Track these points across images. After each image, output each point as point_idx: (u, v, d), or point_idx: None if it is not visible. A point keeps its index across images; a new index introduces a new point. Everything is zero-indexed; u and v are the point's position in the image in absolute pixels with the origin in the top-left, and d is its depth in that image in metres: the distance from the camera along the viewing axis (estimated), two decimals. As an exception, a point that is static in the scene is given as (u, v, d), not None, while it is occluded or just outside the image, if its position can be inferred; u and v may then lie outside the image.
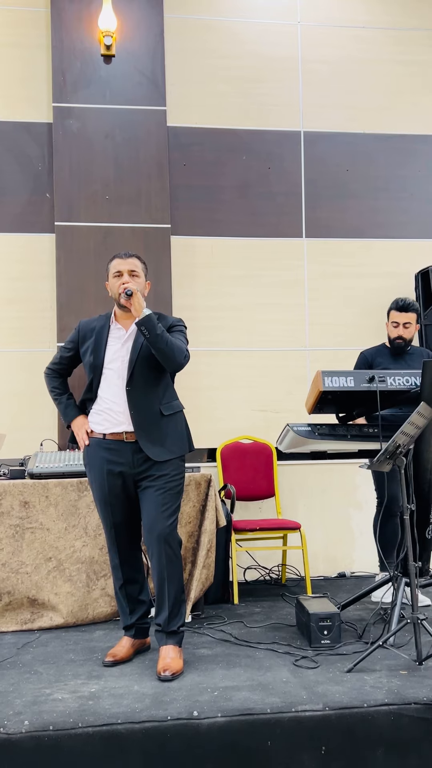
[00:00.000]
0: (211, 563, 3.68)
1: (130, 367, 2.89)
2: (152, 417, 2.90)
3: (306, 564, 4.14)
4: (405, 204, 5.06)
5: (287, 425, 3.29)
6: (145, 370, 2.90)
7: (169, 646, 2.84)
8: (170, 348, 2.84)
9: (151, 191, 4.68)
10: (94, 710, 2.40)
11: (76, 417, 3.05)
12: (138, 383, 2.89)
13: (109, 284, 3.00)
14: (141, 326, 2.82)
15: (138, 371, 2.89)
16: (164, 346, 2.82)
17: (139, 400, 2.88)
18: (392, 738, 2.36)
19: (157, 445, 2.88)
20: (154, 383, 2.92)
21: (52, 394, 3.13)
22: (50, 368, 3.15)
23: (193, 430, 4.68)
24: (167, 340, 2.83)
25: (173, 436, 2.93)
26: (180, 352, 2.87)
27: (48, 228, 4.67)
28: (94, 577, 3.58)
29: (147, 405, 2.89)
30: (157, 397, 2.93)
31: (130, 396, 2.88)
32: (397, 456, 2.83)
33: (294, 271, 4.93)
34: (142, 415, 2.88)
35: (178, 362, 2.87)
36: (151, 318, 2.82)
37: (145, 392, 2.90)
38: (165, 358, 2.85)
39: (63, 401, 3.09)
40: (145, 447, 2.86)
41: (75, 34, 4.67)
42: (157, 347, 2.82)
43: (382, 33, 5.11)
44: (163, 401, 2.94)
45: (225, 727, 2.32)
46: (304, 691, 2.52)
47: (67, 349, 3.10)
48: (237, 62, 4.96)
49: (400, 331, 3.74)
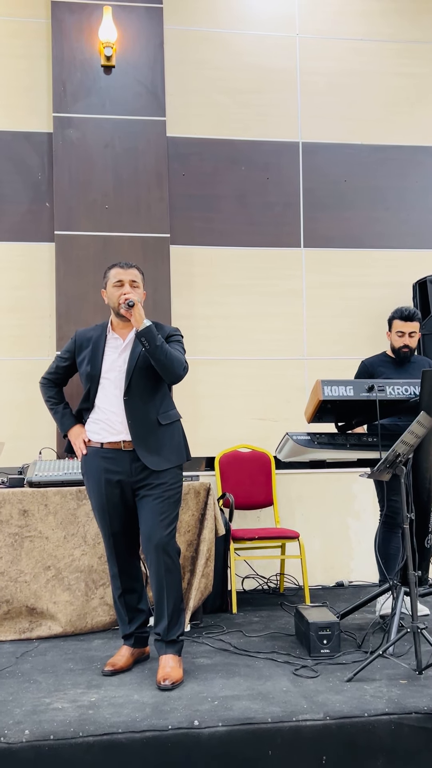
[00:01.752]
0: (210, 572, 3.67)
1: (128, 376, 2.90)
2: (150, 426, 2.90)
3: (305, 573, 4.13)
4: (403, 215, 5.09)
5: (286, 434, 3.30)
6: (142, 380, 2.90)
7: (169, 655, 2.83)
8: (170, 359, 2.84)
9: (151, 201, 4.71)
10: (94, 719, 2.39)
11: (73, 426, 3.05)
12: (135, 393, 2.89)
13: (108, 293, 3.00)
14: (141, 337, 2.82)
15: (135, 381, 2.90)
16: (164, 358, 2.83)
17: (136, 409, 2.89)
18: (393, 747, 2.36)
19: (154, 454, 2.88)
20: (151, 393, 2.93)
21: (48, 403, 3.12)
22: (46, 378, 3.14)
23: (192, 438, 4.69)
24: (167, 352, 2.84)
25: (171, 446, 2.94)
26: (179, 363, 2.88)
27: (48, 237, 4.68)
28: (93, 586, 3.58)
29: (144, 414, 2.90)
30: (155, 407, 2.93)
31: (127, 406, 2.88)
32: (396, 465, 2.84)
33: (292, 281, 4.95)
34: (140, 424, 2.88)
35: (177, 374, 2.88)
36: (152, 329, 2.83)
37: (143, 402, 2.90)
38: (164, 370, 2.86)
39: (59, 411, 3.08)
40: (143, 456, 2.86)
41: (75, 45, 4.70)
42: (157, 358, 2.83)
43: (381, 45, 5.15)
44: (161, 411, 2.94)
45: (225, 736, 2.32)
46: (304, 701, 2.52)
47: (63, 359, 3.09)
48: (236, 73, 5.00)
49: (406, 340, 3.75)
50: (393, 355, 3.85)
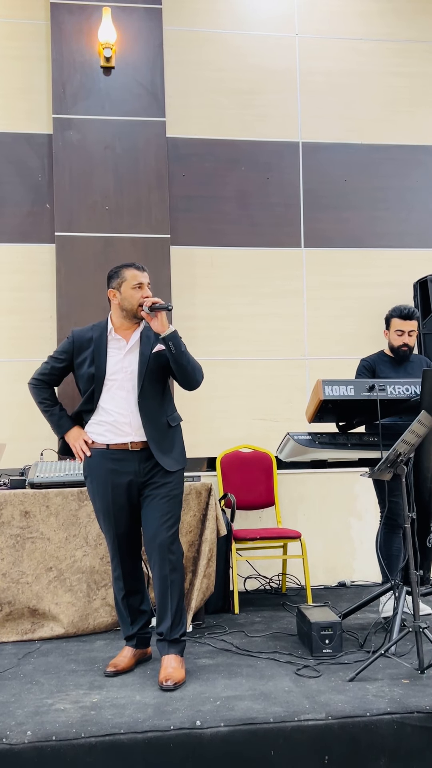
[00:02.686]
0: (212, 572, 3.67)
1: (140, 378, 2.90)
2: (161, 428, 2.92)
3: (306, 573, 4.13)
4: (403, 214, 5.09)
5: (288, 434, 3.30)
6: (152, 382, 2.92)
7: (171, 655, 2.83)
8: (192, 366, 2.88)
9: (151, 202, 4.71)
10: (96, 720, 2.39)
11: (71, 428, 3.01)
12: (148, 395, 2.90)
13: (123, 294, 2.91)
14: (168, 341, 2.82)
15: (147, 383, 2.90)
16: (186, 363, 2.86)
17: (150, 411, 2.90)
18: (395, 747, 2.35)
19: (167, 455, 2.91)
20: (160, 395, 2.96)
21: (42, 405, 3.04)
22: (39, 379, 3.04)
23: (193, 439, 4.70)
24: (190, 358, 2.87)
25: (179, 447, 2.98)
26: (199, 370, 2.92)
27: (48, 238, 4.69)
28: (95, 587, 3.58)
29: (157, 417, 2.92)
30: (164, 409, 2.96)
31: (142, 408, 2.89)
32: (397, 464, 2.84)
33: (293, 281, 4.95)
34: (154, 426, 2.90)
35: (197, 380, 2.92)
36: (177, 334, 2.85)
37: (154, 404, 2.92)
38: (184, 375, 2.87)
39: (56, 413, 3.03)
40: (159, 458, 2.88)
41: (75, 47, 4.70)
42: (181, 364, 2.85)
43: (380, 45, 5.15)
44: (168, 413, 2.98)
45: (228, 736, 2.32)
46: (306, 701, 2.52)
47: (60, 360, 3.01)
48: (235, 74, 5.00)
49: (405, 338, 3.76)
50: (391, 353, 3.85)
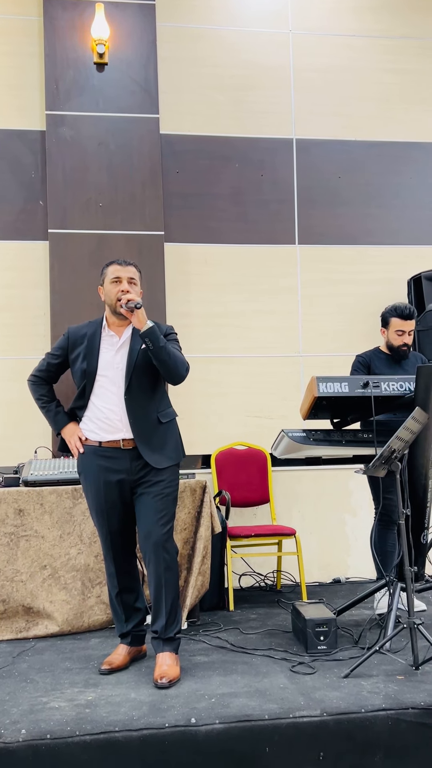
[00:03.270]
0: (207, 570, 3.67)
1: (128, 375, 2.89)
2: (150, 424, 2.90)
3: (301, 570, 4.13)
4: (397, 211, 5.09)
5: (282, 431, 3.29)
6: (141, 378, 2.90)
7: (166, 653, 2.83)
8: (173, 360, 2.84)
9: (145, 198, 4.69)
10: (91, 718, 2.39)
11: (67, 425, 3.01)
12: (136, 391, 2.89)
13: (105, 289, 2.98)
14: (145, 338, 2.81)
15: (135, 379, 2.89)
16: (167, 358, 2.83)
17: (137, 408, 2.88)
18: (390, 743, 2.36)
19: (156, 452, 2.88)
20: (151, 391, 2.93)
21: (39, 402, 3.05)
22: (36, 375, 3.07)
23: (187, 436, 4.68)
24: (170, 352, 2.84)
25: (170, 444, 2.95)
26: (182, 364, 2.88)
27: (41, 235, 4.67)
28: (90, 585, 3.57)
29: (145, 413, 2.89)
30: (154, 405, 2.93)
31: (128, 404, 2.88)
32: (392, 461, 2.84)
33: (287, 278, 4.95)
34: (141, 422, 2.88)
35: (180, 374, 2.88)
36: (155, 330, 2.82)
37: (143, 400, 2.90)
38: (167, 370, 2.85)
39: (52, 409, 3.03)
40: (146, 455, 2.86)
41: (68, 43, 4.68)
42: (161, 359, 2.83)
43: (373, 42, 5.15)
44: (160, 409, 2.95)
45: (223, 733, 2.32)
46: (301, 697, 2.52)
47: (55, 356, 3.03)
48: (229, 70, 4.99)
49: (405, 338, 3.75)
50: (388, 351, 3.85)
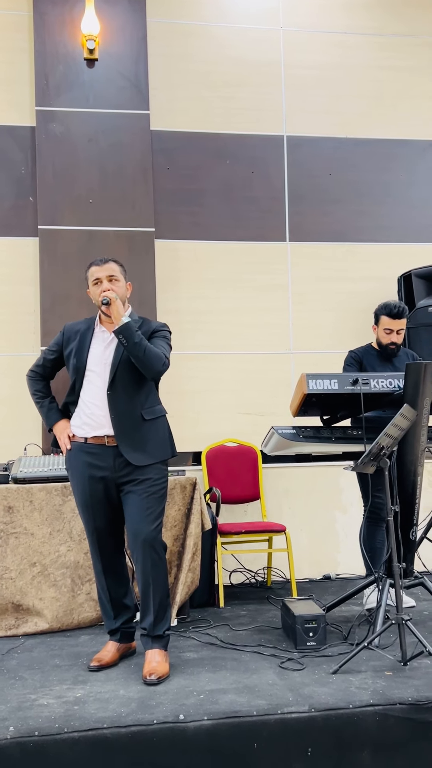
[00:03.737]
0: (197, 567, 3.67)
1: (112, 371, 2.88)
2: (133, 421, 2.88)
3: (291, 566, 4.14)
4: (388, 208, 5.09)
5: (272, 428, 3.30)
6: (126, 375, 2.89)
7: (155, 650, 2.83)
8: (147, 356, 2.81)
9: (135, 195, 4.68)
10: (79, 715, 2.39)
11: (59, 421, 3.03)
12: (119, 387, 2.88)
13: (90, 292, 2.99)
14: (119, 335, 2.81)
15: (120, 375, 2.88)
16: (141, 355, 2.80)
17: (120, 404, 2.87)
18: (378, 739, 2.37)
19: (138, 450, 2.87)
20: (135, 387, 2.91)
21: (35, 397, 3.10)
22: (33, 371, 3.11)
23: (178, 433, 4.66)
24: (145, 348, 2.81)
25: (155, 441, 2.92)
26: (158, 359, 2.84)
27: (31, 232, 4.65)
28: (79, 582, 3.57)
29: (128, 409, 2.88)
30: (139, 402, 2.91)
31: (111, 400, 2.87)
32: (380, 458, 2.85)
33: (278, 275, 4.95)
34: (123, 419, 2.87)
35: (155, 370, 2.85)
36: (130, 326, 2.81)
37: (127, 396, 2.89)
38: (143, 366, 2.83)
39: (45, 405, 3.06)
40: (126, 452, 2.85)
41: (58, 38, 4.66)
42: (135, 355, 2.81)
43: (365, 39, 5.15)
44: (145, 406, 2.92)
45: (211, 730, 2.32)
46: (290, 693, 2.53)
47: (51, 352, 3.08)
48: (220, 67, 4.98)
49: (393, 337, 3.73)
50: (378, 348, 3.86)
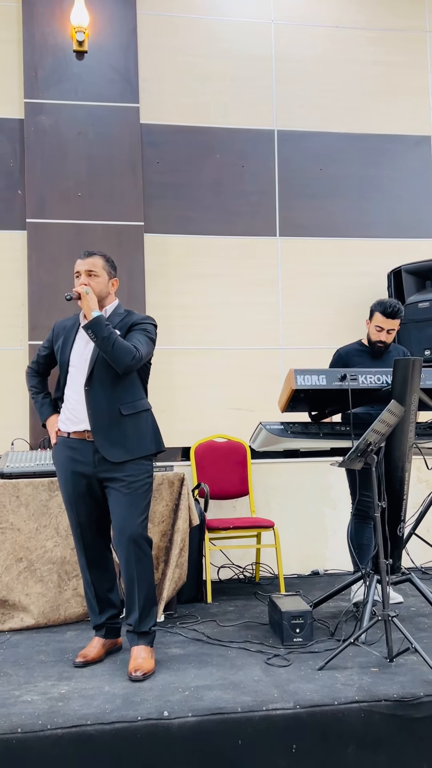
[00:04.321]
0: (184, 562, 3.66)
1: (90, 366, 2.86)
2: (111, 417, 2.85)
3: (279, 562, 4.14)
4: (378, 203, 5.08)
5: (260, 423, 3.28)
6: (104, 370, 2.85)
7: (141, 646, 2.82)
8: (116, 350, 2.76)
9: (124, 189, 4.65)
10: (63, 711, 2.37)
11: (50, 416, 3.05)
12: (96, 383, 2.85)
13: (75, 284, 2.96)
14: (87, 329, 2.78)
15: (97, 371, 2.85)
16: (110, 349, 2.76)
17: (97, 399, 2.85)
18: (363, 735, 2.36)
19: (116, 446, 2.83)
20: (113, 383, 2.87)
21: (31, 392, 3.15)
22: (30, 367, 3.16)
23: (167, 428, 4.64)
24: (113, 342, 2.76)
25: (134, 437, 2.88)
26: (127, 353, 2.78)
27: (19, 225, 4.61)
28: (66, 578, 3.55)
29: (106, 405, 2.85)
30: (117, 397, 2.87)
31: (88, 395, 2.85)
32: (368, 454, 2.84)
33: (268, 270, 4.93)
34: (100, 415, 2.84)
35: (125, 364, 2.79)
36: (98, 320, 2.77)
37: (104, 392, 2.85)
38: (112, 361, 2.79)
39: (39, 400, 3.11)
40: (102, 447, 2.82)
41: (47, 30, 4.62)
42: (104, 350, 2.78)
43: (356, 33, 5.12)
44: (124, 401, 2.88)
45: (196, 726, 2.31)
46: (275, 690, 2.52)
47: (44, 348, 3.10)
48: (211, 60, 4.95)
49: (383, 336, 3.65)
50: (368, 344, 3.83)
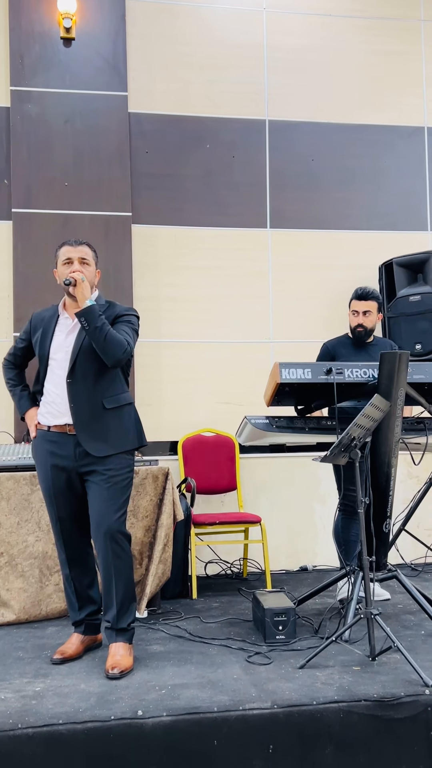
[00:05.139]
0: (168, 558, 3.61)
1: (72, 358, 2.80)
2: (93, 410, 2.80)
3: (266, 558, 4.09)
4: (370, 195, 5.01)
5: (245, 418, 3.23)
6: (87, 362, 2.80)
7: (119, 643, 2.77)
8: (108, 342, 2.72)
9: (112, 178, 4.58)
10: (36, 710, 2.33)
11: (29, 409, 3.00)
12: (79, 375, 2.80)
13: (58, 272, 2.91)
14: (81, 317, 2.73)
15: (80, 363, 2.80)
16: (102, 340, 2.72)
17: (79, 392, 2.80)
18: (341, 736, 2.31)
19: (98, 439, 2.79)
20: (96, 376, 2.82)
21: (8, 385, 3.08)
22: (6, 359, 3.10)
23: (155, 422, 4.60)
24: (106, 333, 2.72)
25: (117, 431, 2.83)
26: (119, 346, 2.74)
27: (5, 215, 4.54)
28: (48, 573, 3.50)
29: (88, 398, 2.80)
30: (100, 390, 2.82)
31: (70, 388, 2.80)
32: (352, 449, 2.79)
33: (258, 262, 4.86)
34: (83, 408, 2.79)
35: (116, 357, 2.75)
36: (93, 309, 2.73)
37: (87, 385, 2.80)
38: (103, 352, 2.75)
39: (17, 393, 3.05)
40: (84, 441, 2.77)
41: (33, 16, 4.54)
42: (95, 340, 2.73)
43: (349, 21, 5.04)
44: (107, 394, 2.84)
45: (170, 726, 2.26)
46: (253, 689, 2.47)
47: (21, 340, 3.05)
48: (201, 48, 4.87)
49: (360, 319, 3.71)
50: (352, 336, 3.81)
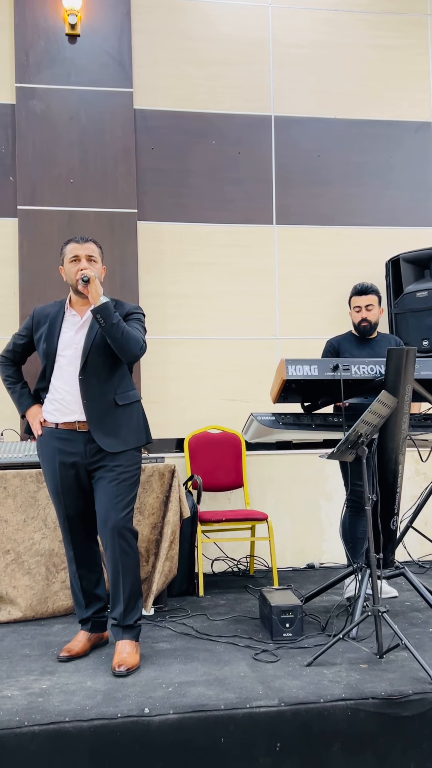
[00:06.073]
0: (175, 555, 3.60)
1: (84, 355, 2.80)
2: (106, 407, 2.80)
3: (273, 555, 4.08)
4: (376, 191, 4.99)
5: (251, 415, 3.22)
6: (99, 359, 2.80)
7: (125, 640, 2.76)
8: (125, 338, 2.74)
9: (117, 175, 4.57)
10: (42, 708, 2.32)
11: (31, 406, 2.96)
12: (91, 372, 2.79)
13: (65, 269, 2.91)
14: (96, 314, 2.73)
15: (92, 359, 2.80)
16: (119, 336, 2.73)
17: (92, 389, 2.79)
18: (348, 734, 2.30)
19: (111, 436, 2.79)
20: (108, 372, 2.83)
21: (6, 382, 3.03)
22: (3, 356, 3.04)
23: (161, 419, 4.59)
24: (123, 330, 2.74)
25: (128, 427, 2.84)
26: (136, 342, 2.77)
27: (11, 212, 4.54)
28: (54, 570, 3.49)
29: (101, 394, 2.80)
30: (112, 387, 2.83)
31: (83, 385, 2.79)
32: (359, 445, 2.77)
33: (264, 259, 4.85)
34: (96, 404, 2.79)
35: (133, 353, 2.77)
36: (108, 306, 2.73)
37: (99, 381, 2.80)
38: (120, 349, 2.75)
39: (17, 390, 3.00)
40: (98, 438, 2.77)
41: (38, 12, 4.53)
42: (112, 336, 2.73)
43: (354, 16, 5.01)
44: (118, 391, 2.85)
45: (176, 724, 2.25)
46: (260, 686, 2.46)
47: (21, 336, 3.00)
48: (206, 44, 4.85)
49: (363, 313, 3.73)
50: (356, 332, 3.80)
